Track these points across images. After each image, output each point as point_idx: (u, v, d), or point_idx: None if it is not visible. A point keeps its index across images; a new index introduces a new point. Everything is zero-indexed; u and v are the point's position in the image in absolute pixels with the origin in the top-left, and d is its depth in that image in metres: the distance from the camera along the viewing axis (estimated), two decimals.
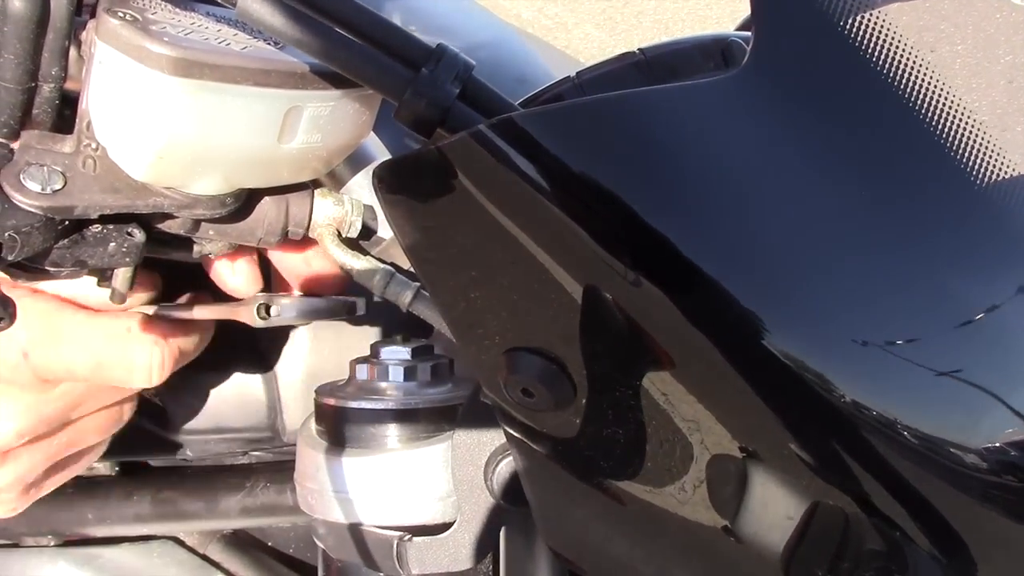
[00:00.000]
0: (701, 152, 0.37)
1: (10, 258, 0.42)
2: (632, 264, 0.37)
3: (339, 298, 0.55)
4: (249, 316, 0.53)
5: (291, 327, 0.63)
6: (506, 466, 0.49)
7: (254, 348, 0.66)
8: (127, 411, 0.59)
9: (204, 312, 0.55)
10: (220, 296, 0.56)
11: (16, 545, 0.75)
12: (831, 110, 0.39)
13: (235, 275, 0.54)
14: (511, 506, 0.49)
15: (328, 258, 0.55)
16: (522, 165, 0.37)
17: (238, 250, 0.53)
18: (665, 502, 0.42)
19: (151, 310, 0.54)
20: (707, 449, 0.40)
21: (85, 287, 0.52)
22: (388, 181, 0.39)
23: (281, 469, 0.74)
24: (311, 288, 0.56)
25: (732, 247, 0.37)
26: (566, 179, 0.37)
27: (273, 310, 0.53)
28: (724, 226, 0.37)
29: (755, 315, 0.37)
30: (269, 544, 0.80)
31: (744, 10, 0.40)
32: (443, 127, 0.39)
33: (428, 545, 0.51)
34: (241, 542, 0.78)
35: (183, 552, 0.77)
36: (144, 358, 0.52)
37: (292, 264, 0.55)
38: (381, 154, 0.56)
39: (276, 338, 0.66)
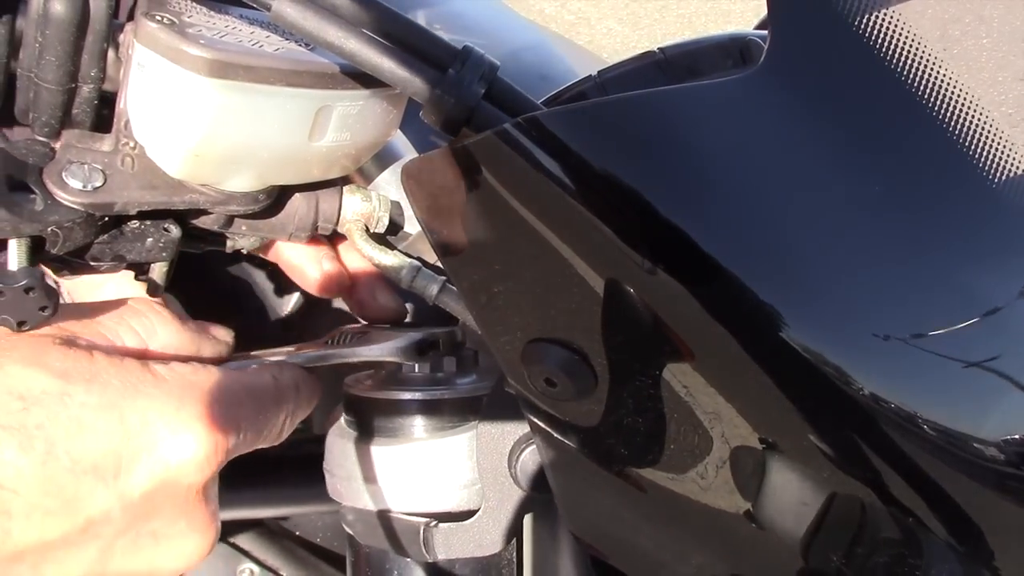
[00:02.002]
0: (719, 149, 0.39)
1: (53, 252, 0.44)
2: (652, 258, 0.38)
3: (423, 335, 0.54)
4: (403, 354, 0.51)
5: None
6: (529, 454, 0.50)
7: (283, 341, 0.67)
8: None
9: (349, 355, 0.52)
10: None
11: None
12: (846, 108, 0.40)
13: (318, 268, 0.55)
14: (534, 493, 0.51)
15: (338, 261, 0.57)
16: (546, 162, 0.38)
17: (312, 241, 0.55)
18: (684, 489, 0.44)
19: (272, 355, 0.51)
20: (725, 438, 0.42)
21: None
22: (416, 178, 0.40)
23: (310, 460, 0.76)
24: (322, 290, 0.56)
25: (750, 242, 0.38)
26: (588, 176, 0.38)
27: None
28: (742, 221, 0.38)
29: (772, 309, 0.38)
30: (297, 533, 0.81)
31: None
32: (469, 126, 0.40)
33: (454, 531, 0.52)
34: (269, 531, 0.80)
35: None
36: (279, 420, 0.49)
37: (302, 265, 0.56)
38: (408, 152, 0.57)
39: (305, 331, 0.67)
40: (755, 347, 0.39)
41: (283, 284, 0.70)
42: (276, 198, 0.51)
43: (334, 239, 0.57)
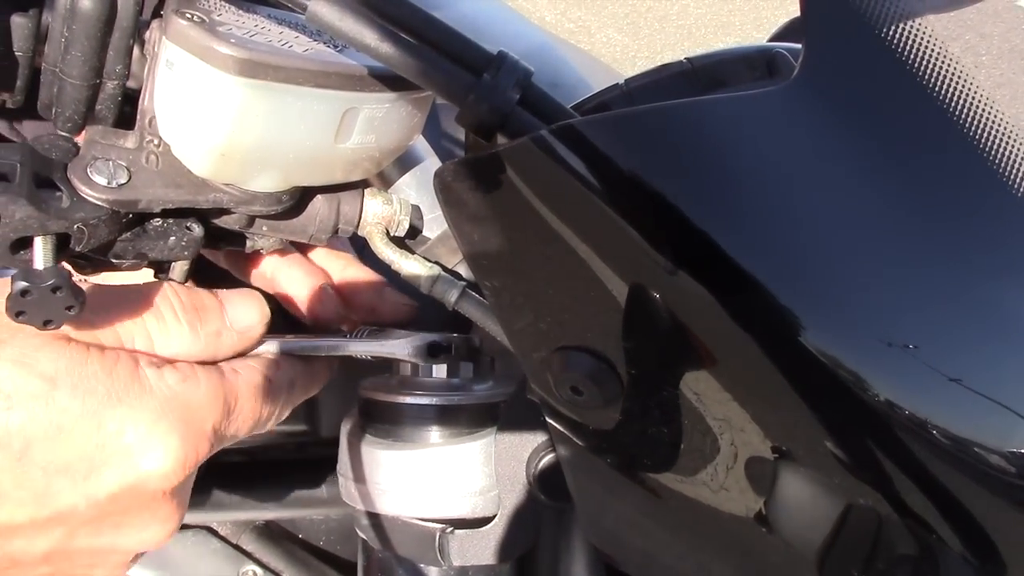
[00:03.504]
0: (755, 159, 0.39)
1: (78, 249, 0.43)
2: (683, 267, 0.38)
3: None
4: (415, 354, 0.51)
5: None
6: (548, 462, 0.50)
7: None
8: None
9: (358, 347, 0.52)
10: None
11: None
12: (879, 121, 0.40)
13: (322, 306, 0.54)
14: (551, 501, 0.51)
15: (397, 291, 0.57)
16: (581, 170, 0.38)
17: (314, 276, 0.55)
18: (705, 499, 0.43)
19: (276, 344, 0.51)
20: (748, 448, 0.41)
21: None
22: (449, 182, 0.40)
23: (316, 463, 0.75)
24: (315, 316, 0.56)
25: (783, 253, 0.38)
26: (623, 184, 0.38)
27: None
28: (776, 231, 0.38)
29: (801, 319, 0.38)
30: (300, 536, 0.81)
31: (768, 17, 0.41)
32: (503, 132, 0.40)
33: (469, 538, 0.52)
34: (273, 533, 0.80)
35: (216, 541, 0.78)
36: (272, 411, 0.50)
37: (363, 299, 0.56)
38: (428, 156, 0.57)
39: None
40: (781, 355, 0.39)
41: None
42: (298, 199, 0.50)
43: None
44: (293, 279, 0.56)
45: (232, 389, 0.47)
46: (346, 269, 0.57)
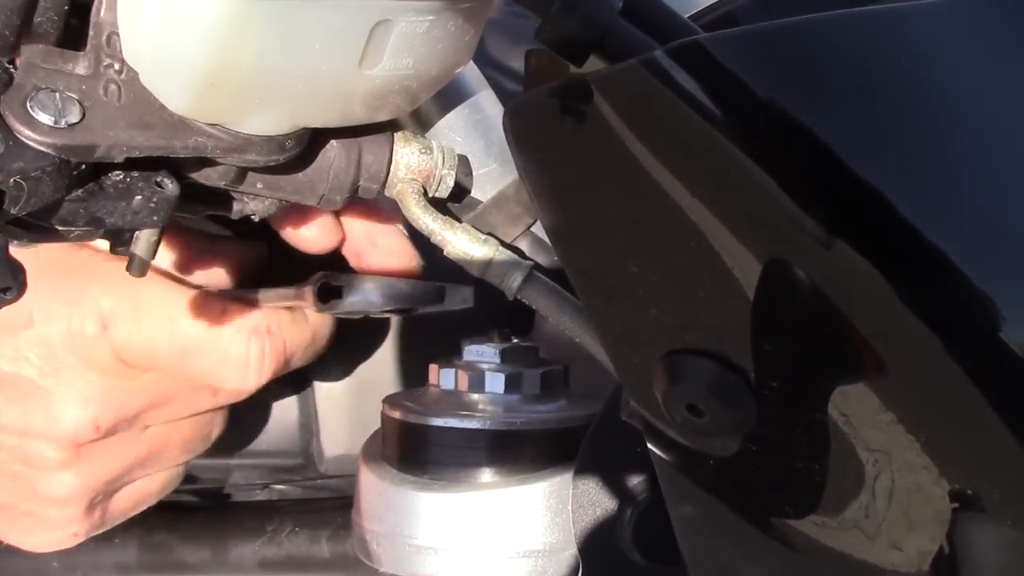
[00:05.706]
0: (944, 91, 0.38)
1: (13, 211, 0.43)
2: (843, 235, 0.38)
3: (431, 283, 0.56)
4: (310, 299, 0.55)
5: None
6: (647, 510, 0.50)
7: None
8: (216, 427, 0.64)
9: (266, 296, 0.57)
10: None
11: None
12: None
13: (308, 226, 0.57)
14: (650, 563, 0.51)
15: (399, 235, 0.57)
16: (708, 103, 0.37)
17: None
18: (871, 561, 0.43)
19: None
20: (925, 488, 0.41)
21: (176, 256, 0.57)
22: (526, 122, 0.40)
23: (314, 509, 0.76)
24: (311, 243, 0.58)
25: (986, 216, 0.38)
26: (764, 121, 0.38)
27: (344, 293, 0.55)
28: (976, 188, 0.38)
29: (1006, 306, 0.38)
30: None
31: None
32: (599, 52, 0.40)
33: None
34: None
35: None
36: (240, 350, 0.56)
37: (351, 238, 0.58)
38: (481, 88, 0.57)
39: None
40: (981, 364, 0.39)
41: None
42: (306, 147, 0.50)
43: None
44: None
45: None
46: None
